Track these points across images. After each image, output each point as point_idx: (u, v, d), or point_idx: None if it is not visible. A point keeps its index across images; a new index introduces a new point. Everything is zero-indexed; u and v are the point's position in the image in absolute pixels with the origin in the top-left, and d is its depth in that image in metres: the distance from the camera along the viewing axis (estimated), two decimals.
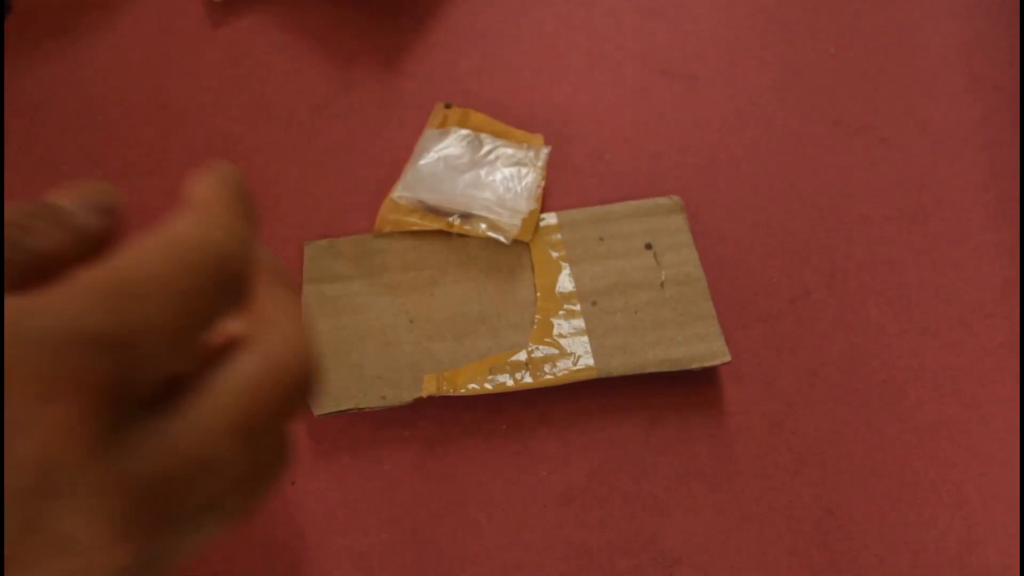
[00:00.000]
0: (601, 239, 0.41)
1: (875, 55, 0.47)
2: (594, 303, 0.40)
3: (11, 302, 0.18)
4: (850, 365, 0.40)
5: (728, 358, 0.38)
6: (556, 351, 0.38)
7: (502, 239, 0.40)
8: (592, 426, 0.39)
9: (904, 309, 0.41)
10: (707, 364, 0.38)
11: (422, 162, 0.42)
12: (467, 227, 0.41)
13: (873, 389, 0.39)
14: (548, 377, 0.38)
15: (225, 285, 0.21)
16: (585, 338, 0.39)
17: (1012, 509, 0.37)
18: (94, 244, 0.23)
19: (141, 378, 0.19)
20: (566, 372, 0.38)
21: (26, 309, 0.18)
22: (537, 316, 0.39)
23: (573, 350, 0.38)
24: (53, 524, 0.18)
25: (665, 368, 0.38)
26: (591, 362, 0.38)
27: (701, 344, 0.38)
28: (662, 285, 0.40)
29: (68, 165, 0.44)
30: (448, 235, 0.41)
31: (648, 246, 0.41)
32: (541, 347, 0.38)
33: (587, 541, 0.37)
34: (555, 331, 0.39)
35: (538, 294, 0.40)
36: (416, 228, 0.41)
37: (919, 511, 0.37)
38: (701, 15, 0.48)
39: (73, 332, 0.18)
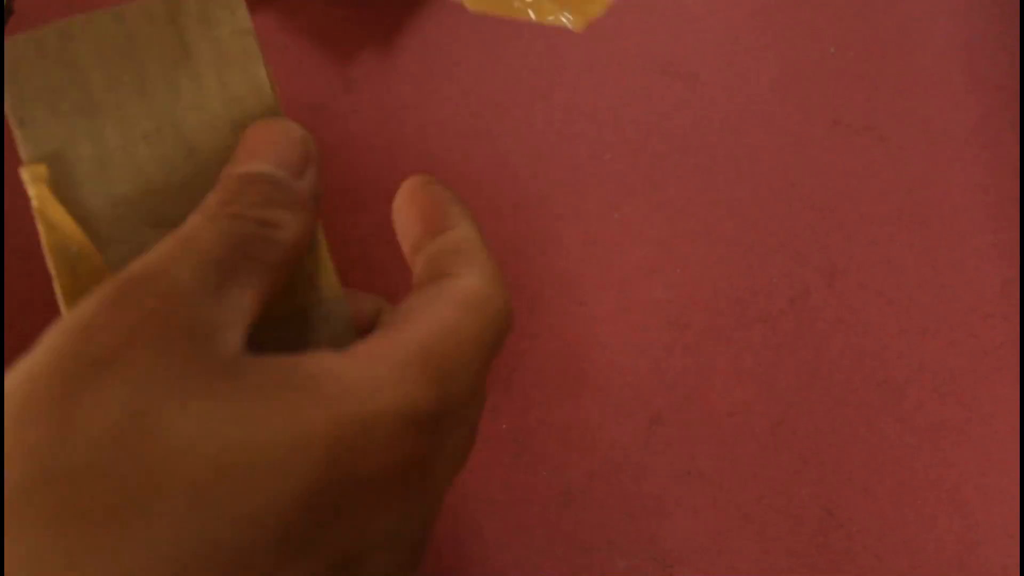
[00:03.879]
0: None
1: (875, 55, 0.47)
2: None
3: (327, 372, 0.18)
4: (850, 365, 0.40)
5: None
6: None
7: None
8: (592, 426, 0.39)
9: (904, 309, 0.41)
10: None
11: None
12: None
13: (873, 389, 0.39)
14: None
15: (505, 336, 0.21)
16: None
17: (1012, 510, 0.37)
18: (316, 213, 0.23)
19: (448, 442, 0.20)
20: None
21: (348, 388, 0.18)
22: None
23: None
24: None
25: None
26: None
27: None
28: None
29: None
30: None
31: None
32: None
33: (587, 541, 0.37)
34: None
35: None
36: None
37: (919, 511, 0.37)
38: (701, 15, 0.48)
39: (400, 415, 0.18)
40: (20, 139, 0.24)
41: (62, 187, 0.23)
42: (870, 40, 0.47)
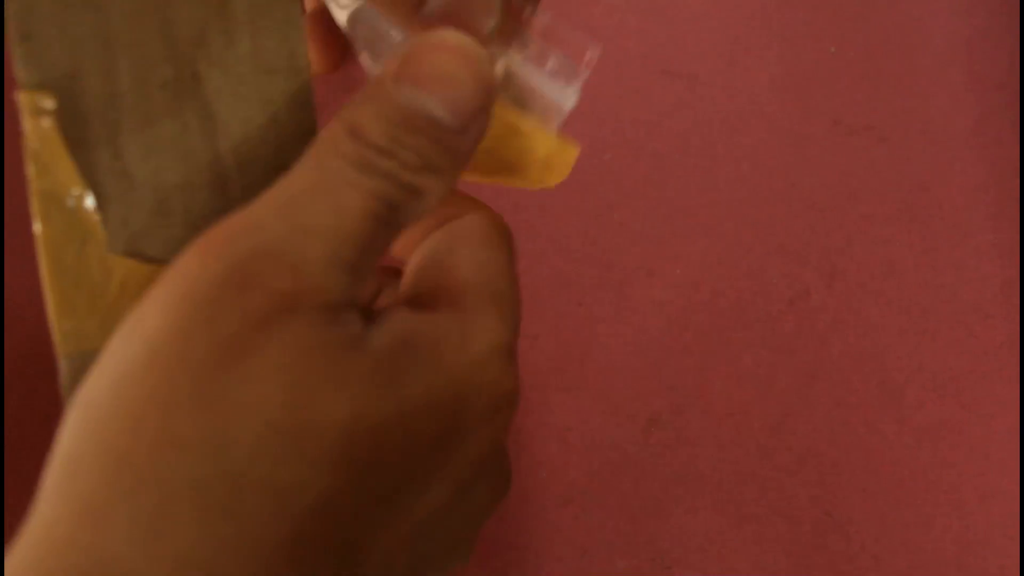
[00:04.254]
0: None
1: (875, 54, 0.47)
2: None
3: (435, 333, 0.19)
4: (849, 365, 0.40)
5: None
6: None
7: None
8: (591, 427, 0.39)
9: (904, 309, 0.41)
10: None
11: None
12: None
13: (872, 390, 0.39)
14: None
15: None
16: None
17: (1011, 511, 0.37)
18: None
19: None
20: None
21: (456, 343, 0.19)
22: None
23: None
24: None
25: None
26: None
27: None
28: None
29: None
30: None
31: None
32: None
33: (586, 542, 0.37)
34: None
35: None
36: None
37: (917, 512, 0.37)
38: (701, 15, 0.48)
39: (499, 352, 0.20)
40: (21, 58, 0.19)
41: (61, 124, 0.20)
42: (870, 40, 0.47)
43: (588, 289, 0.42)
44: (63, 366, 0.21)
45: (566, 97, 0.25)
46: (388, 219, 0.19)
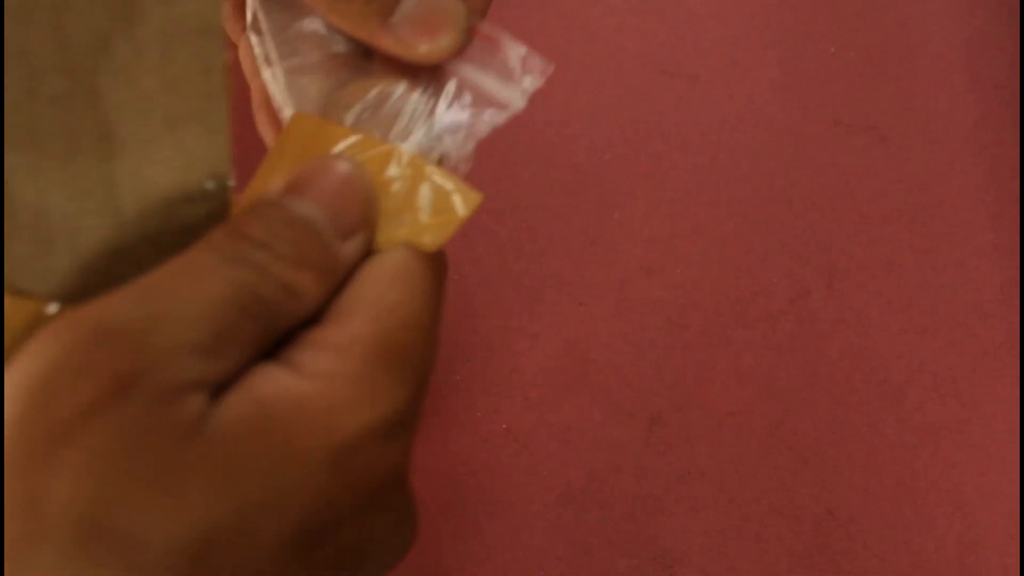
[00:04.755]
0: None
1: (875, 55, 0.47)
2: None
3: (292, 406, 0.17)
4: (850, 365, 0.40)
5: None
6: None
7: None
8: (592, 426, 0.39)
9: (904, 309, 0.41)
10: None
11: None
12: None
13: (873, 389, 0.39)
14: None
15: (444, 284, 0.20)
16: None
17: (1012, 510, 0.37)
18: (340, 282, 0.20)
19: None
20: None
21: (318, 420, 0.17)
22: None
23: None
24: None
25: None
26: None
27: None
28: None
29: None
30: None
31: None
32: None
33: (587, 541, 0.37)
34: None
35: None
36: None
37: (919, 511, 0.37)
38: (701, 15, 0.48)
39: (377, 430, 0.17)
40: None
41: None
42: (870, 40, 0.47)
43: (588, 289, 0.42)
44: None
45: (513, 94, 0.23)
46: (253, 311, 0.17)
